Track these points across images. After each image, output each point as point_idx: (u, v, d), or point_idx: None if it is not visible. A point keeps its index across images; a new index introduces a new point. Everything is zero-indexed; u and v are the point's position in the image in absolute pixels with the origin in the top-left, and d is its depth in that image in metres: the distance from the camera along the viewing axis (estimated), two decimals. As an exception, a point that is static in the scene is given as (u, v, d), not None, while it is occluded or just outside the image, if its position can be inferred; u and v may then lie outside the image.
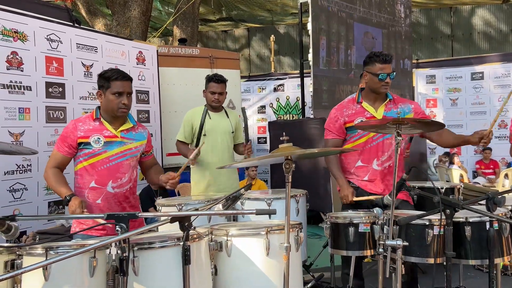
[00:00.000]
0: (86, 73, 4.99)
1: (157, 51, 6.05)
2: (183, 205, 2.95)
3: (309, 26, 6.58)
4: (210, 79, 3.99)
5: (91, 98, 5.04)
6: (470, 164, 8.48)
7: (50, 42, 4.54)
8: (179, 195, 5.45)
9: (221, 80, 3.96)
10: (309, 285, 3.23)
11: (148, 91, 5.86)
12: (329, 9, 7.01)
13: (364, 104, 3.13)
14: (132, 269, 1.77)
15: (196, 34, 9.14)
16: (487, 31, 11.89)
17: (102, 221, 2.27)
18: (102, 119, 2.72)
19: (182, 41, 7.21)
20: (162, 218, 1.88)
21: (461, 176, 7.64)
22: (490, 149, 8.17)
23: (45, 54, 4.45)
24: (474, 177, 8.31)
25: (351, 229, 2.46)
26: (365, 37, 7.77)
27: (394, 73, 3.00)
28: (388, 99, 3.12)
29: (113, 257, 1.81)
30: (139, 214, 1.69)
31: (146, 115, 5.83)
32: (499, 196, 2.23)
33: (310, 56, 6.62)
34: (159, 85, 6.02)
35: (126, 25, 7.64)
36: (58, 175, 2.67)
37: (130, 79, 2.71)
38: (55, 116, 4.58)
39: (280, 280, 2.00)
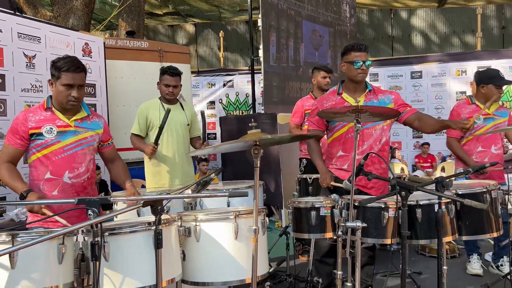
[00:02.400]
0: (28, 64, 4.75)
1: (104, 43, 5.87)
2: (139, 196, 2.90)
3: (260, 22, 6.67)
4: (164, 71, 3.96)
5: (34, 91, 4.82)
6: (410, 158, 8.99)
7: (-11, 31, 4.28)
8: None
9: (175, 73, 3.94)
10: (271, 269, 3.30)
11: (94, 84, 5.68)
12: (278, 6, 7.14)
13: (344, 95, 3.21)
14: (103, 255, 1.73)
15: (142, 28, 8.94)
16: (424, 32, 12.65)
17: (59, 219, 2.23)
18: (53, 109, 2.63)
19: (130, 34, 7.03)
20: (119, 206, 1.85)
21: (402, 169, 8.07)
22: (428, 144, 8.71)
23: (-17, 43, 4.20)
24: (414, 170, 8.82)
25: (313, 213, 2.55)
26: (313, 35, 7.99)
27: (370, 61, 3.10)
28: (368, 90, 3.22)
29: (80, 245, 1.77)
30: (112, 198, 1.67)
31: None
32: (447, 180, 2.42)
33: (260, 52, 6.71)
34: (106, 78, 5.84)
35: (67, 17, 7.31)
36: (12, 170, 2.55)
37: (83, 70, 2.62)
38: (-6, 109, 4.32)
39: (248, 262, 2.05)
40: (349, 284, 2.54)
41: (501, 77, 3.97)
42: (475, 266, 4.13)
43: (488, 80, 4.00)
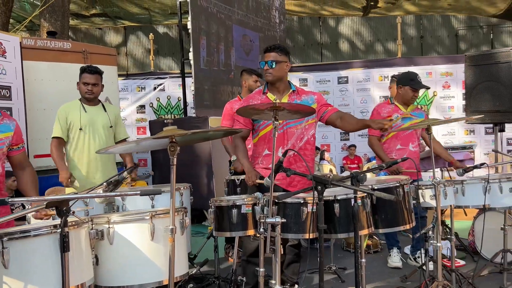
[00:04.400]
0: None
1: (20, 43, 5.53)
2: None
3: (189, 25, 6.63)
4: (83, 70, 3.84)
5: None
6: (338, 160, 9.32)
7: None
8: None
9: (95, 71, 3.81)
10: (194, 271, 3.25)
11: (10, 87, 5.33)
12: (208, 10, 7.13)
13: (269, 94, 3.27)
14: (1, 262, 1.60)
15: (67, 29, 8.53)
16: (351, 39, 13.25)
17: None
18: None
19: (51, 34, 6.69)
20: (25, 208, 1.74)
21: (331, 170, 8.34)
22: (354, 146, 9.09)
23: None
24: (342, 171, 9.16)
25: (234, 211, 2.56)
26: (244, 39, 8.07)
27: (273, 62, 3.17)
28: (291, 90, 3.29)
29: (-23, 252, 1.62)
30: (9, 200, 1.55)
31: (8, 112, 5.29)
32: (361, 175, 2.53)
33: (191, 55, 6.67)
34: (23, 80, 5.51)
35: (-19, 16, 6.82)
36: None
37: None
38: None
39: (166, 263, 2.00)
40: (273, 281, 2.56)
41: (418, 81, 4.22)
42: (395, 259, 4.35)
43: (406, 82, 4.25)
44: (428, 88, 4.20)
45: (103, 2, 10.61)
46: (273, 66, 3.17)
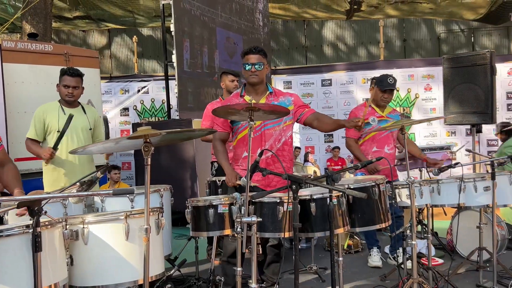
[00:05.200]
0: None
1: (0, 45, 5.49)
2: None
3: (172, 28, 6.63)
4: (64, 72, 3.81)
5: None
6: (322, 162, 9.40)
7: None
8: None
9: (76, 74, 3.79)
10: (172, 271, 3.26)
11: (-12, 89, 5.29)
12: (191, 12, 7.15)
13: (246, 97, 3.29)
14: (-29, 262, 1.60)
15: (50, 31, 8.47)
16: (334, 43, 13.38)
17: None
18: None
19: (32, 36, 6.65)
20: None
21: (315, 172, 8.42)
22: (338, 148, 9.18)
23: None
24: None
25: (211, 211, 2.57)
26: (227, 42, 8.10)
27: (259, 64, 3.18)
28: (269, 92, 3.32)
29: None
30: (-21, 200, 1.55)
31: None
32: (336, 174, 2.57)
33: (174, 58, 6.67)
34: (3, 83, 5.46)
35: (-39, 18, 6.73)
36: None
37: None
38: None
39: (141, 263, 2.01)
40: (250, 280, 2.58)
41: (388, 83, 4.28)
42: (375, 259, 4.40)
43: (376, 83, 4.34)
44: (395, 89, 4.27)
45: (87, 5, 10.55)
46: (260, 68, 3.20)
